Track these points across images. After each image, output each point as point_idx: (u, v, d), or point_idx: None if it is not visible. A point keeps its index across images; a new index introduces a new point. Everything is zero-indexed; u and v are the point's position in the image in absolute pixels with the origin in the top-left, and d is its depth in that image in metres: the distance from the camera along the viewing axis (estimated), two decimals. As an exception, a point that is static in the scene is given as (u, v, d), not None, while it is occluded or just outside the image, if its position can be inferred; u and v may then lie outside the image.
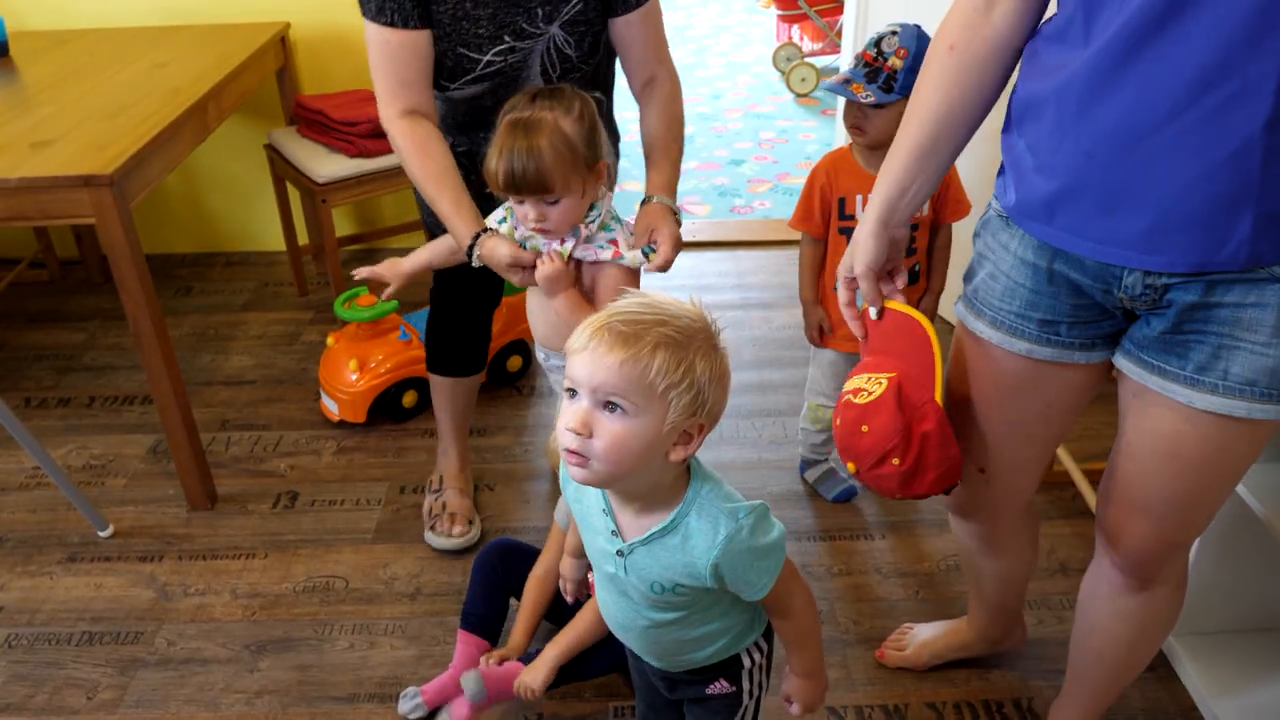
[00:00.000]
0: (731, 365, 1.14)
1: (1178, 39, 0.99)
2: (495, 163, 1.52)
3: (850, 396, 1.35)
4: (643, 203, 1.77)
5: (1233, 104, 0.99)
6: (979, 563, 1.66)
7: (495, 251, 1.63)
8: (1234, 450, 1.19)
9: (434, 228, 1.90)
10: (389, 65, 1.69)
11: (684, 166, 4.12)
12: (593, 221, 1.61)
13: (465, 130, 1.87)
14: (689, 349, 1.04)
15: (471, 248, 1.66)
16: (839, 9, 4.92)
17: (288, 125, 2.98)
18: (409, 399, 2.53)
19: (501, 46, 1.71)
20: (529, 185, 1.52)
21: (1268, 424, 1.15)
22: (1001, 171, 1.26)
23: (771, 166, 4.20)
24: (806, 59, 5.17)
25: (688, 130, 4.68)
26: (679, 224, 1.73)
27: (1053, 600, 1.97)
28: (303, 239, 3.08)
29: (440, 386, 2.18)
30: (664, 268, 1.66)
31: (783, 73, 5.24)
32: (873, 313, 1.33)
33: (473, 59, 1.72)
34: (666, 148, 1.83)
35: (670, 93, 1.86)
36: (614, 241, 1.63)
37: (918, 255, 2.00)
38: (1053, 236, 1.17)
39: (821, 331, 2.11)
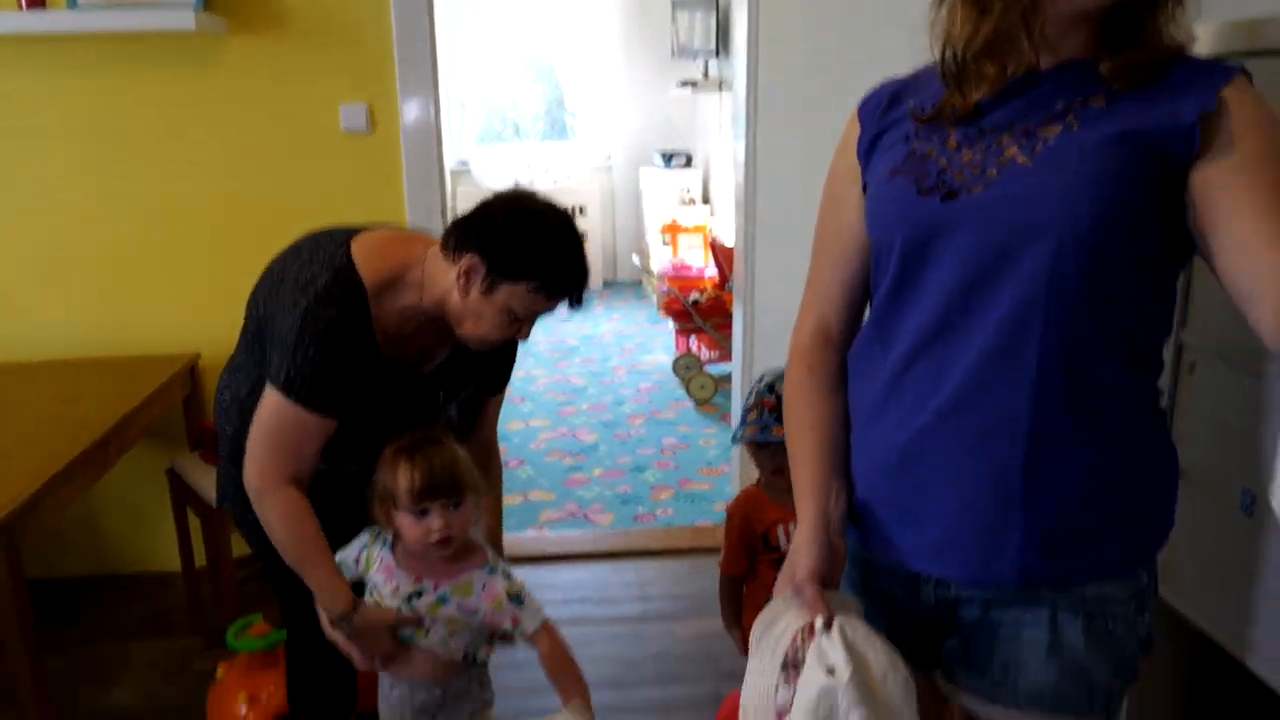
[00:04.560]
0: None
1: (938, 369, 1.15)
2: (406, 476, 1.62)
3: None
4: None
5: (994, 433, 1.12)
6: None
7: (377, 615, 1.69)
8: None
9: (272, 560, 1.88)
10: (294, 443, 1.69)
11: (590, 474, 4.26)
12: (492, 585, 1.70)
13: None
14: None
15: (349, 616, 1.69)
16: (731, 323, 5.25)
17: (191, 451, 3.02)
18: (300, 731, 2.44)
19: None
20: (444, 486, 1.63)
21: None
22: None
23: (674, 473, 4.34)
24: (705, 368, 5.45)
25: (592, 438, 4.83)
26: None
27: None
28: (199, 560, 3.04)
29: None
30: None
31: (683, 381, 5.50)
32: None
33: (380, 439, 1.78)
34: (498, 512, 2.10)
35: (499, 466, 2.12)
36: (515, 619, 1.70)
37: None
38: (862, 540, 1.29)
39: None
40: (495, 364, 1.92)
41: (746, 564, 2.06)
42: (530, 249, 1.64)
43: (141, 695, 2.72)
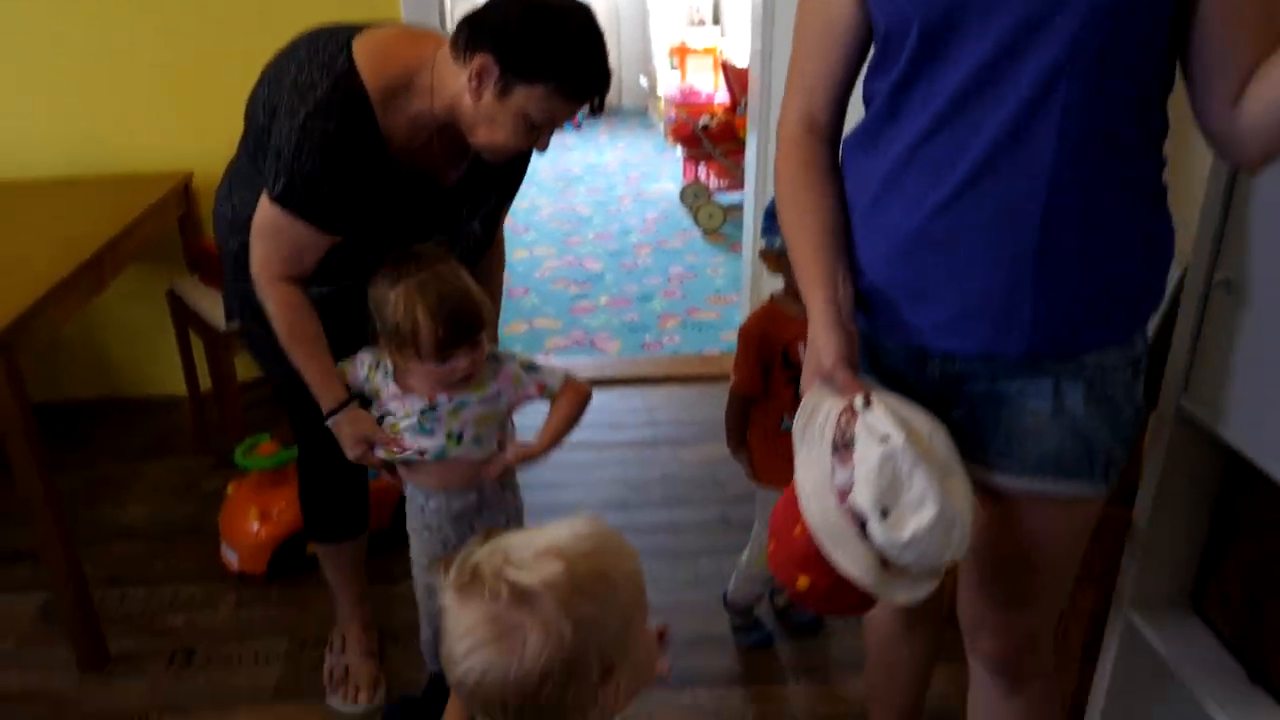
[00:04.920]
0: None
1: (950, 153, 1.13)
2: (428, 329, 1.57)
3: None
4: None
5: (1008, 211, 1.12)
6: (896, 650, 1.69)
7: (359, 423, 1.72)
8: (1046, 530, 1.30)
9: (283, 378, 1.84)
10: (290, 251, 1.64)
11: (596, 302, 4.22)
12: (503, 368, 1.71)
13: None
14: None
15: (335, 413, 1.71)
16: (742, 149, 5.11)
17: (190, 273, 2.95)
18: (312, 548, 2.46)
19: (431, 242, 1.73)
20: (467, 331, 1.60)
21: (1076, 503, 1.28)
22: None
23: (681, 302, 4.29)
24: (713, 197, 5.33)
25: (598, 267, 4.77)
26: None
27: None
28: (205, 384, 3.02)
29: (325, 553, 2.13)
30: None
31: (691, 209, 5.39)
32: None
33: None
34: (496, 316, 2.00)
35: (503, 257, 2.06)
36: (540, 385, 1.74)
37: None
38: (869, 323, 1.30)
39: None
40: (512, 171, 1.82)
41: (761, 383, 2.01)
42: (547, 47, 1.51)
43: (151, 514, 2.75)
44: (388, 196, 1.64)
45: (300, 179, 1.56)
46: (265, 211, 1.62)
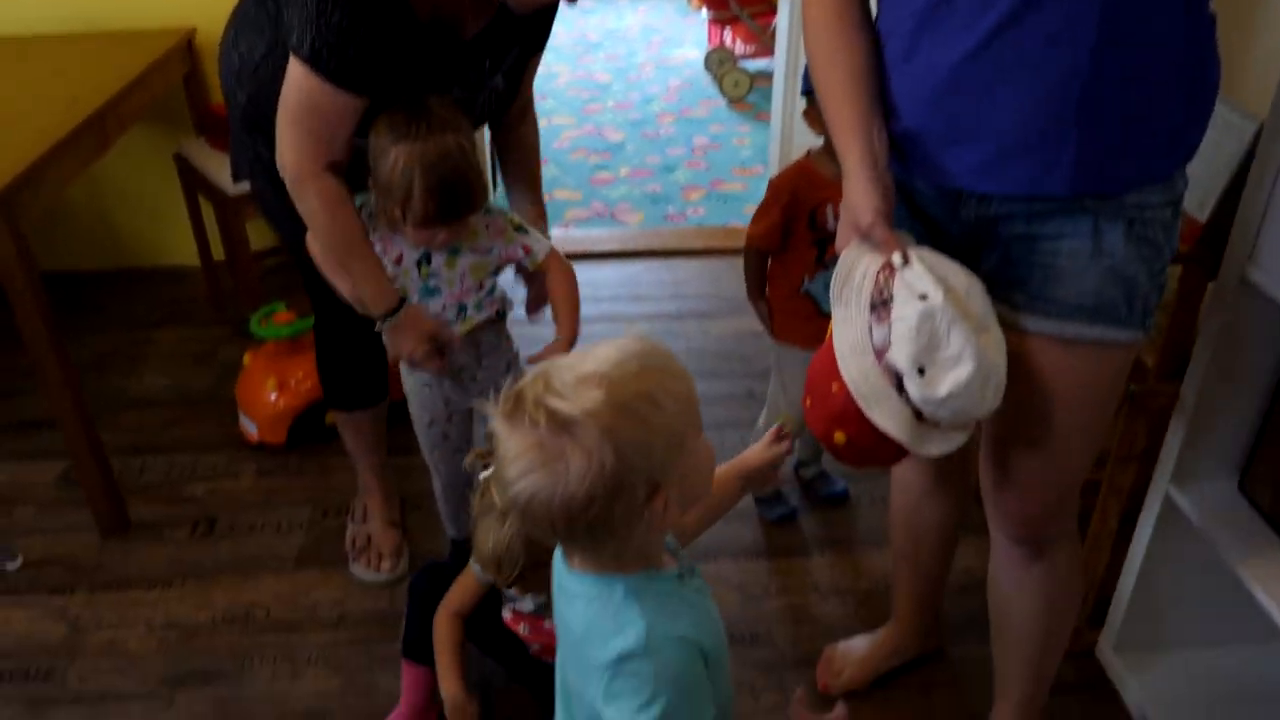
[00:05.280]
0: None
1: None
2: (420, 203, 1.50)
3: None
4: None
5: (1055, 46, 1.06)
6: (923, 509, 1.68)
7: (423, 321, 1.66)
8: (1080, 377, 1.26)
9: (295, 240, 1.76)
10: (326, 125, 1.53)
11: (617, 173, 4.09)
12: (495, 220, 1.66)
13: None
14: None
15: (389, 315, 1.65)
16: (771, 11, 4.90)
17: (197, 136, 2.86)
18: (331, 417, 2.44)
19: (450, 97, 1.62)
20: (459, 210, 1.54)
21: (1111, 348, 1.23)
22: None
23: (705, 173, 4.16)
24: (739, 63, 5.14)
25: (619, 136, 4.62)
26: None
27: (982, 618, 1.94)
28: (217, 253, 2.96)
29: (344, 422, 2.09)
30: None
31: (715, 77, 5.20)
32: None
33: None
34: (537, 175, 1.94)
35: (535, 118, 1.94)
36: (525, 248, 1.68)
37: None
38: (903, 168, 1.25)
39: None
40: (537, 23, 1.71)
41: (780, 239, 1.93)
42: None
43: (168, 385, 2.73)
44: (408, 48, 1.54)
45: (330, 33, 1.44)
46: (294, 82, 1.50)
